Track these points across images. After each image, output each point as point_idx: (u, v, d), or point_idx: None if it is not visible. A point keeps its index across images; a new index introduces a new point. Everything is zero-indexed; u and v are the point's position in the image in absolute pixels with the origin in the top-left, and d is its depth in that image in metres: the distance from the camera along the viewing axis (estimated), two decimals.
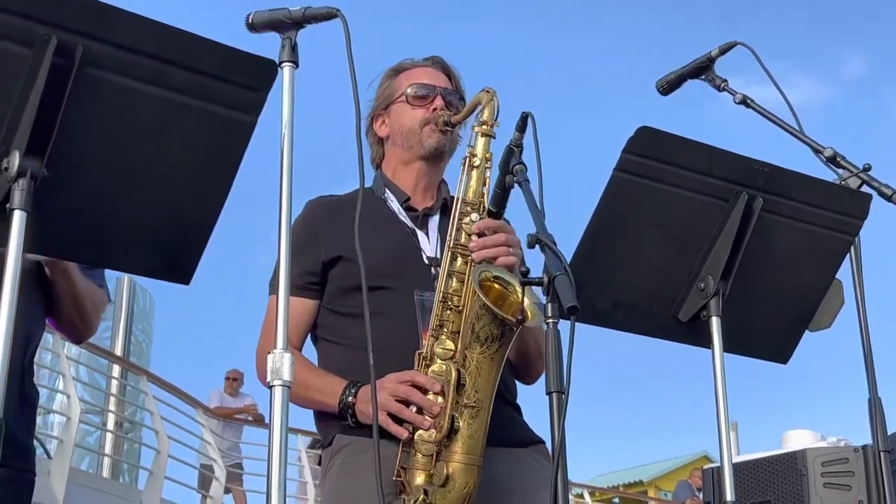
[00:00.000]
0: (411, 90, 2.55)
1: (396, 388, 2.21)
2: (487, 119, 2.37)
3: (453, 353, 2.22)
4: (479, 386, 2.19)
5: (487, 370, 2.19)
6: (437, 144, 2.52)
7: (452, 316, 2.26)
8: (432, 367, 2.23)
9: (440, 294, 2.28)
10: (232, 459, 11.71)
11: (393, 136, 2.58)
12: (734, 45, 2.59)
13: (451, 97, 2.55)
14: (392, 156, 2.60)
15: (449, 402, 2.17)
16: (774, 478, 3.67)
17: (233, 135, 1.74)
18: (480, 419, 2.19)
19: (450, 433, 2.16)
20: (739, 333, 2.18)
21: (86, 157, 1.66)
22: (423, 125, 2.52)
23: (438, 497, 2.15)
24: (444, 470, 2.15)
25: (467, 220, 2.33)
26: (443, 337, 2.25)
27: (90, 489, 8.79)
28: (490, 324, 2.16)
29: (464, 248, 2.31)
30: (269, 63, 1.75)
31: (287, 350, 1.74)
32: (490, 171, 2.37)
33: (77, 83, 1.59)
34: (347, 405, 2.28)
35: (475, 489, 2.17)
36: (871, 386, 2.35)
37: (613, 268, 2.08)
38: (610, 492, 19.87)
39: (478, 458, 2.18)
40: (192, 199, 1.76)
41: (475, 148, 2.38)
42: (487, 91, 2.37)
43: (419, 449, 2.18)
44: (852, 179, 2.35)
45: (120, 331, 13.49)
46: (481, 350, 2.18)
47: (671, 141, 2.04)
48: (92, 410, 11.04)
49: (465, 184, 2.37)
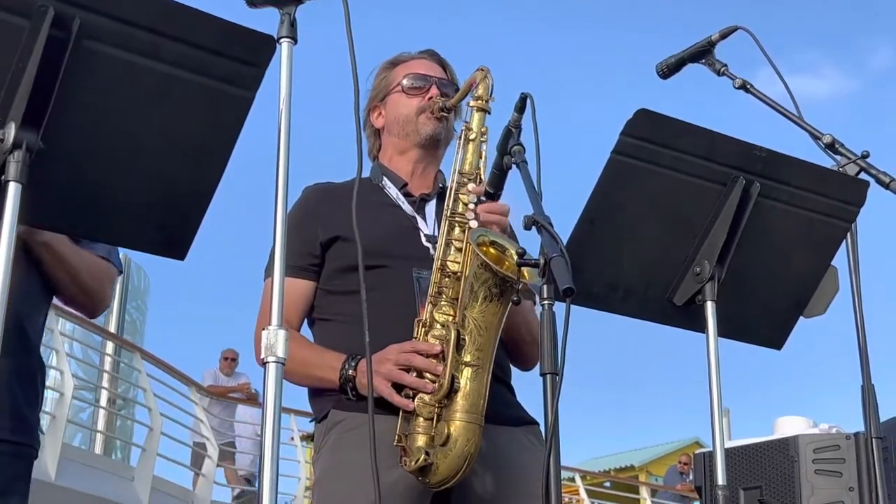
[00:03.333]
0: (407, 81, 2.59)
1: (398, 358, 2.23)
2: (483, 94, 2.42)
3: (452, 318, 2.24)
4: (479, 344, 2.20)
5: (487, 329, 2.20)
6: (434, 132, 2.55)
7: (451, 283, 2.28)
8: (432, 332, 2.25)
9: (438, 261, 2.30)
10: (225, 438, 11.72)
11: (389, 125, 2.62)
12: (735, 30, 2.58)
13: (446, 87, 2.58)
14: (388, 145, 2.63)
15: (449, 362, 2.18)
16: (766, 463, 3.67)
17: (230, 110, 1.73)
18: (480, 378, 2.20)
19: (450, 392, 2.17)
20: (734, 318, 2.18)
21: (82, 130, 1.65)
22: (419, 113, 2.56)
23: (440, 456, 2.16)
24: (444, 429, 2.16)
25: (464, 190, 2.36)
26: (441, 303, 2.27)
27: (82, 465, 8.80)
28: (489, 282, 2.17)
29: (461, 217, 2.33)
30: (267, 38, 1.74)
31: (282, 327, 1.73)
32: (486, 146, 2.41)
33: (74, 55, 1.58)
34: (348, 378, 2.29)
35: (476, 450, 2.18)
36: (865, 373, 2.36)
37: (609, 250, 2.08)
38: (601, 476, 19.91)
39: (479, 416, 2.19)
40: (188, 174, 1.75)
41: (471, 122, 2.43)
42: (482, 69, 2.42)
43: (420, 412, 2.19)
44: (850, 166, 2.34)
45: (114, 308, 13.44)
46: (480, 309, 2.19)
47: (669, 124, 2.04)
48: (85, 387, 11.04)
49: (462, 157, 2.41)
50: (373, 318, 2.09)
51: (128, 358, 11.20)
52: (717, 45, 2.60)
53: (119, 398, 11.60)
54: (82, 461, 8.92)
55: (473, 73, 2.42)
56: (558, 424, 1.77)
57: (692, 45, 2.62)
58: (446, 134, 2.58)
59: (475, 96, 2.42)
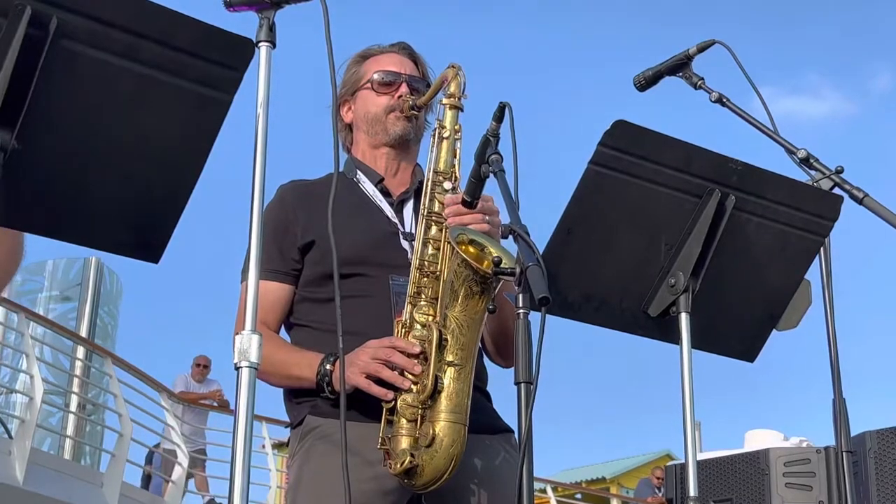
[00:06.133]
0: (377, 76, 2.55)
1: (377, 352, 2.20)
2: (455, 92, 2.39)
3: (433, 317, 2.23)
4: (461, 343, 2.19)
5: (469, 327, 2.19)
6: (402, 132, 2.52)
7: (429, 282, 2.27)
8: (412, 333, 2.23)
9: (416, 262, 2.29)
10: (195, 445, 11.65)
11: (358, 121, 2.59)
12: (712, 44, 2.60)
13: (417, 84, 2.54)
14: (360, 140, 2.60)
15: (432, 362, 2.17)
16: (737, 476, 3.69)
17: (208, 113, 1.72)
18: (464, 377, 2.18)
19: (433, 393, 2.16)
20: (708, 330, 2.19)
21: (57, 131, 1.63)
22: (388, 112, 2.52)
23: (426, 458, 2.13)
24: (429, 431, 2.14)
25: (440, 189, 2.34)
26: (421, 303, 2.26)
27: (51, 470, 8.71)
28: (469, 280, 2.16)
29: (438, 217, 2.32)
30: (246, 42, 1.73)
31: (255, 332, 1.73)
32: (460, 143, 2.39)
33: (50, 55, 1.57)
34: (325, 373, 2.26)
35: (462, 450, 2.16)
36: (837, 387, 2.36)
37: (585, 260, 2.08)
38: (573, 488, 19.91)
39: (463, 416, 2.17)
40: (164, 176, 1.73)
41: (444, 120, 2.40)
42: (453, 66, 2.39)
43: (403, 414, 2.17)
44: (824, 181, 2.36)
45: (86, 312, 13.38)
46: (462, 307, 2.18)
47: (646, 135, 2.04)
48: (55, 391, 10.95)
49: (436, 155, 2.39)
50: (349, 326, 2.08)
51: (99, 363, 11.11)
52: (695, 58, 2.61)
53: (89, 403, 11.50)
54: (51, 466, 8.83)
55: (445, 70, 2.39)
56: (531, 433, 1.77)
57: (669, 59, 2.63)
58: (416, 132, 2.56)
59: (447, 94, 2.39)
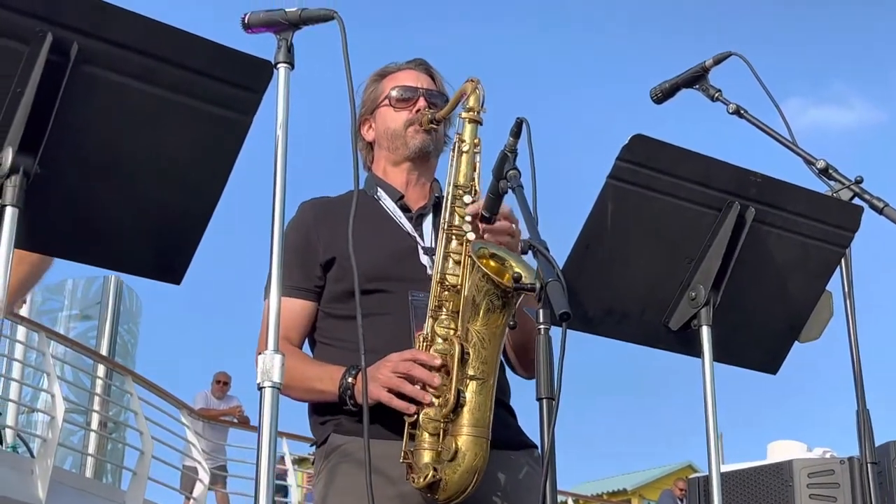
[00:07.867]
0: (395, 93, 2.57)
1: (398, 366, 2.21)
2: (474, 106, 2.40)
3: (454, 331, 2.23)
4: (483, 357, 2.19)
5: (490, 341, 2.19)
6: (422, 144, 2.54)
7: (450, 296, 2.27)
8: (434, 346, 2.23)
9: (437, 276, 2.29)
10: (216, 461, 11.66)
11: (379, 139, 2.61)
12: (728, 56, 2.60)
13: (434, 98, 2.57)
14: (381, 157, 2.62)
15: (454, 377, 2.17)
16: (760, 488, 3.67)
17: (227, 134, 1.73)
18: (486, 391, 2.18)
19: (456, 407, 2.16)
20: (729, 343, 2.18)
21: (79, 155, 1.65)
22: (407, 126, 2.54)
23: (448, 472, 2.13)
24: (452, 444, 2.14)
25: (460, 202, 2.35)
26: (442, 317, 2.26)
27: (73, 489, 8.74)
28: (491, 294, 2.16)
29: (458, 230, 2.33)
30: (264, 63, 1.75)
31: (278, 351, 1.73)
32: (479, 157, 2.40)
33: (72, 80, 1.59)
34: (347, 386, 2.26)
35: (485, 464, 2.16)
36: (860, 398, 2.36)
37: (605, 275, 2.08)
38: (594, 500, 19.86)
39: (486, 430, 2.17)
40: (184, 199, 1.75)
41: (463, 134, 2.41)
42: (472, 80, 2.40)
43: (426, 428, 2.17)
44: (844, 191, 2.35)
45: (106, 331, 13.42)
46: (483, 321, 2.18)
47: (665, 149, 2.04)
48: (76, 410, 10.98)
49: (456, 169, 2.40)
50: (370, 344, 2.09)
51: (119, 381, 11.15)
52: (711, 70, 2.61)
53: (110, 421, 11.54)
54: (73, 485, 8.87)
55: (463, 84, 2.41)
56: (554, 449, 1.77)
57: (686, 71, 2.63)
58: (436, 145, 2.57)
59: (466, 108, 2.41)
